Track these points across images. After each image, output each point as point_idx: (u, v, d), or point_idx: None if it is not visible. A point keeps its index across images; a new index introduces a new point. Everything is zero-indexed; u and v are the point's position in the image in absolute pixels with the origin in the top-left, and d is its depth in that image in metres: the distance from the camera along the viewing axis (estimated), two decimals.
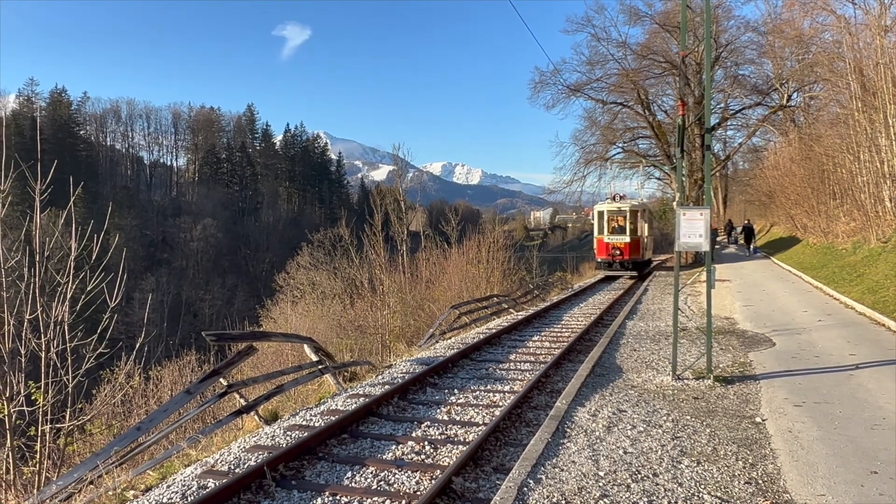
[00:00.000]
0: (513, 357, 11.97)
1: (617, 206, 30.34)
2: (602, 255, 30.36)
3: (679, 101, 8.04)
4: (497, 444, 6.77)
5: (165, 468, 7.20)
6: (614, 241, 29.69)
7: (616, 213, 30.19)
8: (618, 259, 29.68)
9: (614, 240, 29.71)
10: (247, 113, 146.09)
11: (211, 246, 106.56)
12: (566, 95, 49.38)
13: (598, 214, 30.89)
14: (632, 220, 29.82)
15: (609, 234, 30.03)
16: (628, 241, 29.52)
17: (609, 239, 29.92)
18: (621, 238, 29.65)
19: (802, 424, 6.34)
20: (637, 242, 29.92)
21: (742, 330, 12.81)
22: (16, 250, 8.90)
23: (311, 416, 8.21)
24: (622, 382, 8.50)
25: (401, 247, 37.08)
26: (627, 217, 29.72)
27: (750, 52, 49.29)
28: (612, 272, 30.89)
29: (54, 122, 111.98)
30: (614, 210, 30.17)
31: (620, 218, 30.03)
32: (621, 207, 30.08)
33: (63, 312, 8.86)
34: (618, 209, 30.12)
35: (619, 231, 29.95)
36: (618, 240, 29.68)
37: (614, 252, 29.57)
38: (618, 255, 29.56)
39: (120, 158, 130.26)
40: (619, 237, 29.71)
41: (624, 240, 29.59)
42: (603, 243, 30.26)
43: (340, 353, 19.73)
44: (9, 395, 8.49)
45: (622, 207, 30.06)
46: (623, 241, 29.59)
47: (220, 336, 9.70)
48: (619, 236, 29.72)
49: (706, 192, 8.34)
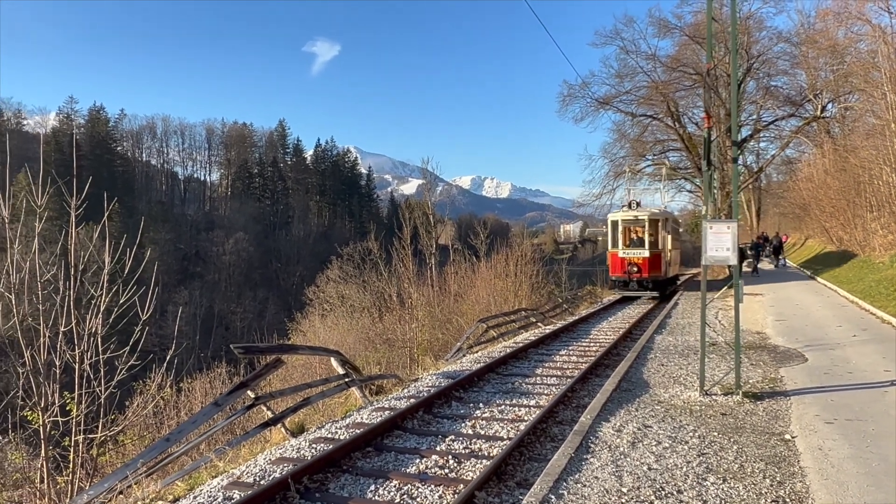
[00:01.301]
0: (539, 371, 11.91)
1: (633, 214, 25.84)
2: (616, 272, 25.89)
3: (705, 113, 7.98)
4: (521, 458, 6.73)
5: (193, 479, 7.30)
6: (631, 255, 25.35)
7: (632, 222, 25.88)
8: (635, 277, 25.14)
9: (631, 254, 25.39)
10: (278, 128, 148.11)
11: (243, 259, 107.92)
12: (595, 108, 49.32)
13: (612, 225, 26.47)
14: (651, 231, 25.53)
15: (624, 248, 25.73)
16: (647, 255, 25.10)
17: (625, 253, 25.57)
18: (639, 252, 25.31)
19: (833, 442, 6.21)
20: (658, 257, 25.55)
21: (774, 345, 12.59)
22: (52, 264, 9.11)
23: (336, 429, 8.26)
24: (648, 398, 8.41)
25: (429, 260, 37.21)
26: (646, 227, 25.34)
27: (783, 63, 48.74)
28: (629, 292, 26.00)
29: (92, 139, 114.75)
30: (630, 219, 25.83)
31: (638, 228, 25.78)
32: (638, 216, 25.69)
33: (97, 325, 9.05)
34: (634, 218, 25.74)
35: (636, 244, 25.70)
36: (635, 254, 25.36)
37: (630, 269, 25.12)
38: (635, 273, 25.10)
39: (155, 174, 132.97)
40: (636, 251, 25.41)
41: (642, 254, 25.22)
42: (617, 259, 25.89)
43: (368, 367, 19.84)
44: (44, 405, 8.68)
45: (640, 216, 25.65)
46: (641, 255, 25.22)
47: (248, 349, 9.82)
48: (637, 250, 25.42)
49: (733, 205, 8.26)
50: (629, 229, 26.19)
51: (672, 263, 28.71)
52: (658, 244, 25.66)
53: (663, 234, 26.10)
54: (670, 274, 28.16)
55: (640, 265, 25.10)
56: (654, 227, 25.66)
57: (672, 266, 28.75)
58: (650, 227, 25.39)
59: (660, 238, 25.80)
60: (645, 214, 25.54)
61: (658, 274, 25.39)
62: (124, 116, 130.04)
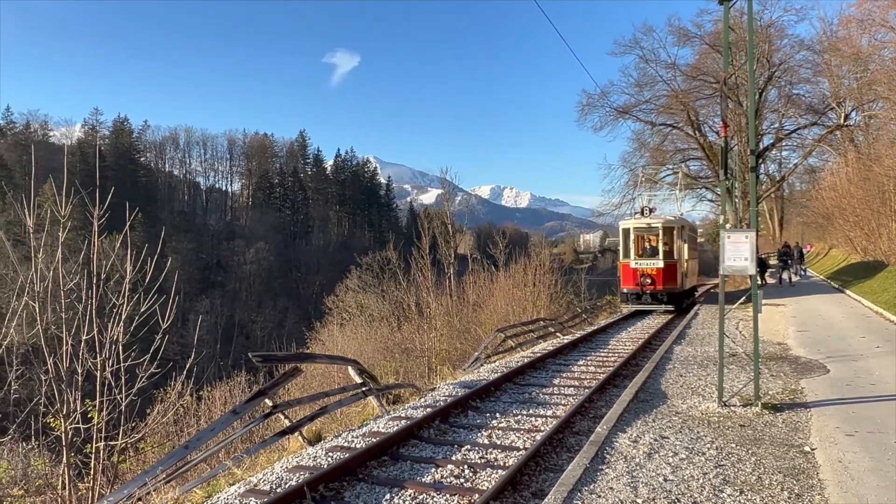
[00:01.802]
0: (557, 381, 11.86)
1: (646, 221, 24.25)
2: (628, 284, 24.26)
3: (722, 123, 7.96)
4: (537, 468, 6.71)
5: (212, 486, 7.36)
6: (643, 266, 23.72)
7: (646, 230, 24.30)
8: (648, 289, 23.54)
9: (644, 265, 23.74)
10: (299, 139, 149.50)
11: (263, 269, 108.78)
12: (614, 118, 49.23)
13: (623, 233, 24.88)
14: (666, 240, 23.87)
15: (637, 258, 24.12)
16: (661, 266, 23.47)
17: (637, 264, 23.95)
18: (652, 262, 23.68)
19: (854, 454, 6.12)
20: (673, 268, 23.82)
21: (795, 356, 12.45)
22: (75, 273, 9.24)
23: (353, 438, 8.29)
24: (666, 408, 8.35)
25: (448, 270, 37.24)
26: (660, 235, 23.65)
27: (805, 71, 48.34)
28: (641, 306, 24.30)
29: (117, 150, 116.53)
30: (643, 227, 24.27)
31: (652, 237, 24.17)
32: (652, 224, 24.07)
33: (118, 333, 9.15)
34: (647, 226, 24.16)
35: (649, 253, 24.10)
36: (648, 265, 23.71)
37: (643, 281, 23.48)
38: (648, 285, 23.48)
39: (177, 184, 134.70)
40: (649, 261, 23.76)
41: (656, 264, 23.58)
42: (629, 270, 24.27)
43: (386, 376, 19.86)
44: (66, 412, 8.79)
45: (653, 224, 24.04)
46: (655, 266, 23.58)
47: (266, 357, 9.90)
48: (650, 260, 23.79)
49: (752, 214, 8.20)
50: (642, 238, 24.71)
51: (689, 274, 26.71)
52: (673, 254, 24.06)
53: (679, 242, 24.42)
54: (687, 286, 26.08)
55: (654, 276, 23.50)
56: (668, 235, 24.08)
57: (689, 277, 26.76)
58: (664, 235, 23.80)
59: (675, 247, 24.15)
60: (658, 222, 23.97)
61: (673, 286, 23.78)
62: (148, 127, 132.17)
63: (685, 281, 25.17)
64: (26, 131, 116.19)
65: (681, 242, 24.58)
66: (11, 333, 9.01)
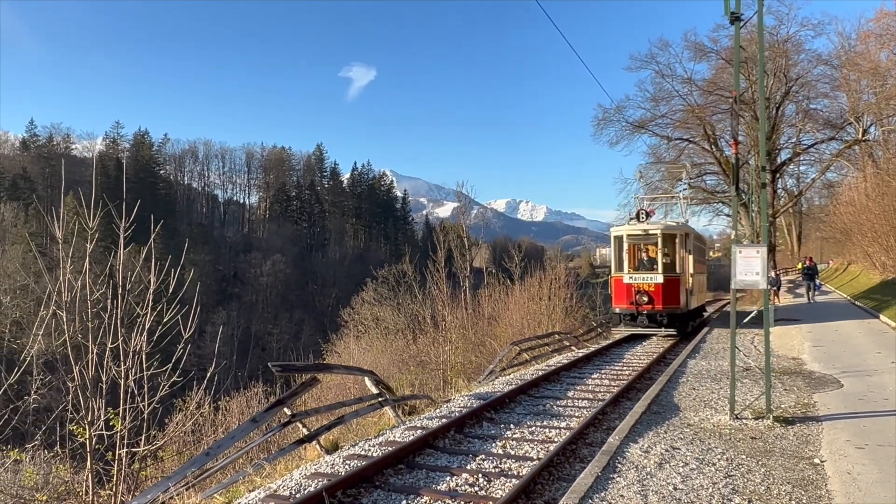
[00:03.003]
0: (571, 394, 11.97)
1: (642, 228, 20.66)
2: (621, 302, 20.57)
3: (732, 140, 8.10)
4: (550, 478, 6.84)
5: (232, 493, 7.55)
6: (639, 281, 20.11)
7: (642, 238, 20.85)
8: (644, 309, 19.83)
9: (639, 280, 20.16)
10: (316, 152, 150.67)
11: (279, 281, 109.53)
12: (630, 132, 49.49)
13: (615, 242, 21.44)
14: (667, 250, 20.59)
15: (631, 272, 20.64)
16: (660, 281, 19.86)
17: (631, 279, 20.32)
18: (649, 277, 20.13)
19: (863, 467, 6.20)
20: (675, 283, 20.15)
21: (809, 371, 12.48)
22: (100, 284, 9.51)
23: (369, 447, 8.45)
24: (678, 420, 8.45)
25: (463, 283, 37.44)
26: (659, 244, 20.20)
27: (823, 86, 48.38)
28: (636, 329, 20.58)
29: (137, 163, 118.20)
30: (638, 234, 20.72)
31: (650, 246, 20.80)
32: (649, 230, 20.53)
33: (141, 342, 9.40)
34: (644, 233, 20.63)
35: (647, 266, 20.74)
36: (645, 280, 20.13)
37: (640, 299, 19.81)
38: (645, 304, 19.82)
39: (196, 196, 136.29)
40: (646, 275, 20.24)
41: (654, 279, 20.00)
42: (622, 285, 20.60)
43: (402, 388, 20.03)
44: (90, 419, 9.02)
45: (651, 230, 20.50)
46: (652, 281, 20.00)
47: (285, 367, 10.11)
48: (647, 274, 20.29)
49: (762, 230, 8.33)
50: (637, 247, 21.52)
51: (696, 291, 22.94)
52: (675, 266, 20.58)
53: (682, 253, 20.88)
54: (693, 305, 22.30)
55: (652, 294, 19.89)
56: (669, 243, 20.77)
57: (696, 295, 23.03)
58: (664, 243, 20.43)
59: (677, 258, 20.68)
60: (657, 228, 20.50)
61: (675, 305, 20.10)
62: (168, 141, 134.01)
63: (690, 299, 21.54)
64: (49, 144, 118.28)
65: (684, 253, 21.13)
66: (39, 341, 9.29)
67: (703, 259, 26.38)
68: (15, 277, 55.69)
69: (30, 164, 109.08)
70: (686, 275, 21.11)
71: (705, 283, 28.14)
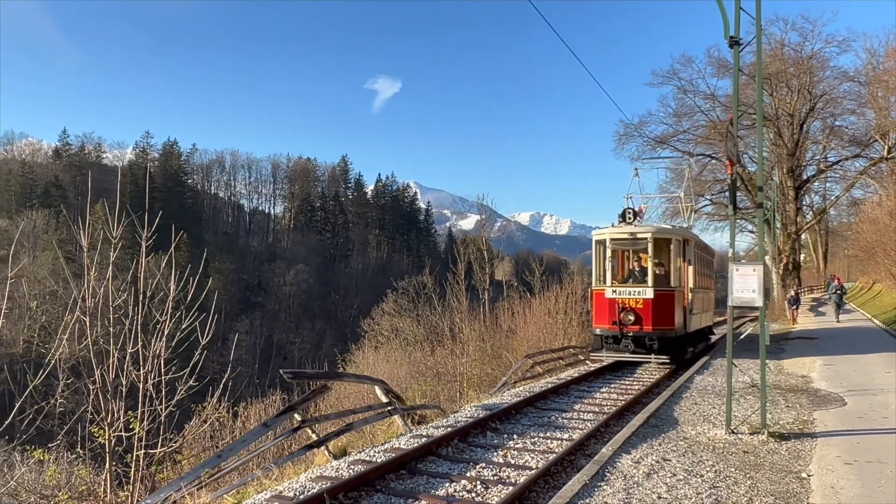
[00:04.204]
0: (577, 407, 12.16)
1: (629, 231, 16.92)
2: (602, 322, 16.80)
3: (728, 160, 8.33)
4: (546, 486, 7.08)
5: (241, 494, 7.89)
6: (625, 296, 16.38)
7: (629, 243, 17.21)
8: (631, 330, 16.12)
9: (625, 294, 16.42)
10: (341, 163, 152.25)
11: (302, 291, 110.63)
12: (652, 147, 49.57)
13: (596, 247, 17.71)
14: (660, 258, 17.02)
15: (616, 284, 16.95)
16: (651, 296, 16.12)
17: (615, 293, 16.55)
18: (637, 291, 16.34)
19: (847, 481, 6.36)
20: (668, 300, 16.39)
21: (815, 389, 12.54)
22: (123, 290, 9.94)
23: (375, 454, 8.74)
24: (674, 434, 8.64)
25: (482, 296, 37.65)
26: (650, 250, 16.49)
27: (849, 103, 48.14)
28: (620, 355, 16.65)
29: (165, 172, 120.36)
30: (625, 238, 17.05)
31: (642, 254, 17.14)
32: (637, 234, 16.79)
33: (161, 347, 9.79)
34: (631, 237, 16.93)
35: (635, 277, 17.02)
36: (631, 294, 16.38)
37: (625, 317, 16.14)
38: (631, 324, 16.11)
39: (222, 206, 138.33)
40: (633, 289, 16.47)
41: (642, 294, 16.24)
42: (604, 301, 16.80)
43: (415, 399, 20.28)
44: (110, 421, 9.43)
45: (639, 234, 16.77)
46: (641, 296, 16.23)
47: (297, 374, 10.46)
48: (635, 287, 16.52)
49: (759, 249, 8.51)
50: (623, 254, 18.24)
51: (698, 310, 18.93)
52: (670, 279, 16.82)
53: (679, 262, 17.02)
54: (693, 326, 18.14)
55: (639, 312, 16.17)
56: (663, 251, 17.15)
57: (698, 315, 18.99)
58: (657, 250, 16.78)
59: (673, 268, 16.83)
60: (647, 231, 16.72)
61: (668, 327, 16.23)
62: (196, 151, 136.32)
63: (689, 319, 17.57)
64: (81, 153, 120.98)
65: (682, 263, 17.29)
66: (64, 344, 9.72)
67: (709, 272, 22.43)
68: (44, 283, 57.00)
69: (62, 172, 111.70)
70: (684, 289, 17.25)
71: (712, 300, 23.16)
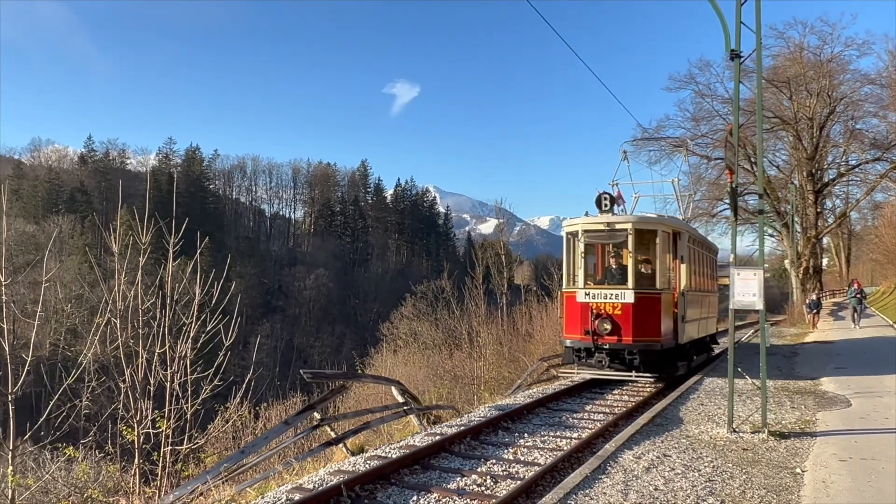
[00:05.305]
0: (588, 408, 12.47)
1: (605, 220, 13.97)
2: (573, 331, 14.03)
3: (728, 169, 8.63)
4: (552, 481, 7.42)
5: (263, 487, 8.35)
6: (599, 300, 13.59)
7: (605, 235, 14.23)
8: (606, 341, 13.35)
9: (600, 298, 13.60)
10: (360, 168, 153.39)
11: (322, 295, 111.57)
12: (669, 151, 49.55)
13: (568, 240, 14.58)
14: (643, 253, 14.26)
15: (589, 286, 14.03)
16: (631, 300, 13.32)
17: (588, 296, 13.73)
18: (615, 294, 13.53)
19: (839, 476, 6.63)
20: (653, 305, 13.61)
21: (823, 391, 12.74)
22: (151, 294, 10.44)
23: (390, 450, 9.15)
24: (678, 432, 8.94)
25: (500, 300, 37.98)
26: (630, 245, 13.70)
27: (870, 106, 47.90)
28: (593, 372, 13.93)
29: (188, 177, 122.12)
30: (600, 230, 14.06)
31: (623, 250, 14.32)
32: (616, 225, 13.93)
33: (186, 349, 10.27)
34: (608, 228, 13.97)
35: (613, 278, 14.14)
36: (608, 298, 13.56)
37: (600, 326, 13.34)
38: (607, 334, 13.32)
39: (244, 210, 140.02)
40: (610, 292, 13.63)
41: (621, 298, 13.44)
42: (575, 306, 14.00)
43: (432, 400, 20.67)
44: (138, 418, 9.92)
45: (618, 224, 13.91)
46: (619, 300, 13.44)
47: (316, 374, 10.90)
48: (612, 289, 13.66)
49: (759, 254, 8.80)
50: (602, 250, 15.43)
51: (694, 317, 16.00)
52: (655, 279, 13.94)
53: (667, 259, 14.35)
54: (686, 336, 15.18)
55: (617, 319, 13.37)
56: (647, 244, 14.31)
57: (693, 322, 16.01)
58: (639, 245, 13.94)
59: (660, 266, 13.95)
60: (627, 222, 13.92)
61: (652, 338, 13.45)
62: (218, 156, 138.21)
63: (683, 328, 14.78)
64: (106, 159, 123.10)
65: (673, 260, 14.66)
66: (95, 345, 10.24)
67: (710, 271, 19.09)
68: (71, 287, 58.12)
69: (87, 178, 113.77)
70: (674, 292, 14.60)
71: (715, 305, 19.94)
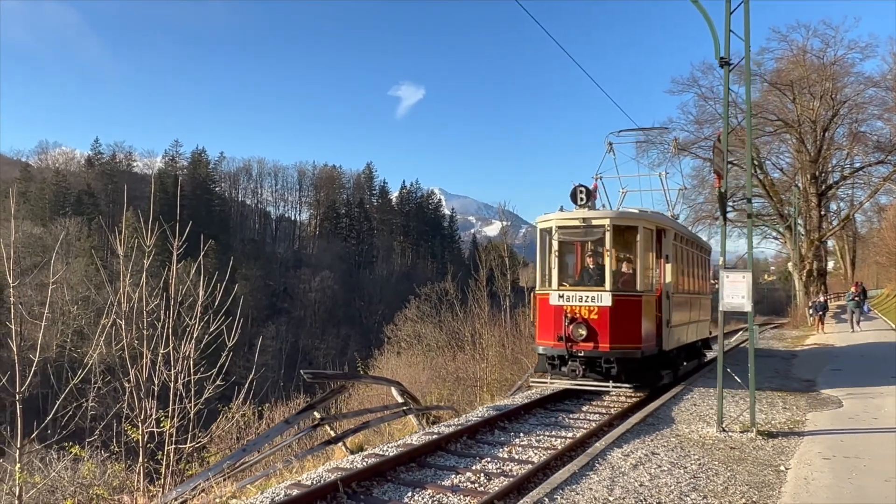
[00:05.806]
0: (585, 408, 12.66)
1: (581, 216, 12.76)
2: (546, 337, 12.91)
3: (716, 175, 8.82)
4: (544, 478, 7.63)
5: (264, 484, 8.59)
6: (574, 303, 12.40)
7: (580, 231, 13.06)
8: (581, 348, 12.21)
9: (575, 301, 12.42)
10: (366, 170, 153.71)
11: (328, 297, 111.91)
12: (672, 154, 49.62)
13: (542, 237, 13.44)
14: (624, 252, 13.40)
15: (563, 288, 12.83)
16: (608, 304, 12.17)
17: (562, 299, 12.56)
18: (591, 297, 12.35)
19: (820, 473, 6.82)
20: (634, 309, 12.48)
21: (816, 392, 12.91)
22: (155, 296, 10.67)
23: (388, 449, 9.37)
24: (668, 431, 9.14)
25: (504, 302, 38.17)
26: (608, 242, 12.45)
27: (874, 108, 47.93)
28: (566, 382, 12.79)
29: (194, 180, 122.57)
30: (575, 226, 12.91)
31: (598, 247, 13.06)
32: (592, 220, 12.71)
33: (190, 349, 10.50)
34: (583, 224, 12.76)
35: (590, 278, 12.96)
36: (583, 301, 12.38)
37: (574, 332, 12.18)
38: (582, 341, 12.17)
39: (249, 213, 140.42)
40: (586, 294, 12.44)
41: (597, 301, 12.28)
42: (548, 309, 12.87)
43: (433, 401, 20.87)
44: (143, 417, 10.16)
45: (595, 220, 12.72)
46: (595, 303, 12.28)
47: (317, 374, 11.12)
48: (588, 291, 12.49)
49: (748, 257, 9.00)
50: (579, 248, 14.39)
51: (681, 322, 14.94)
52: (636, 280, 12.85)
53: (650, 258, 13.33)
54: (672, 343, 14.02)
55: (593, 324, 12.23)
56: (626, 242, 13.35)
57: (681, 327, 14.94)
58: (618, 242, 12.90)
59: (641, 266, 12.85)
60: (604, 217, 12.72)
61: (631, 345, 12.32)
62: (223, 159, 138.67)
63: (668, 334, 13.65)
64: (112, 161, 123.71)
65: (655, 259, 13.74)
66: (101, 346, 10.48)
67: (702, 272, 17.95)
68: (77, 289, 58.53)
69: (94, 180, 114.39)
70: (658, 294, 13.66)
71: (707, 308, 18.40)
